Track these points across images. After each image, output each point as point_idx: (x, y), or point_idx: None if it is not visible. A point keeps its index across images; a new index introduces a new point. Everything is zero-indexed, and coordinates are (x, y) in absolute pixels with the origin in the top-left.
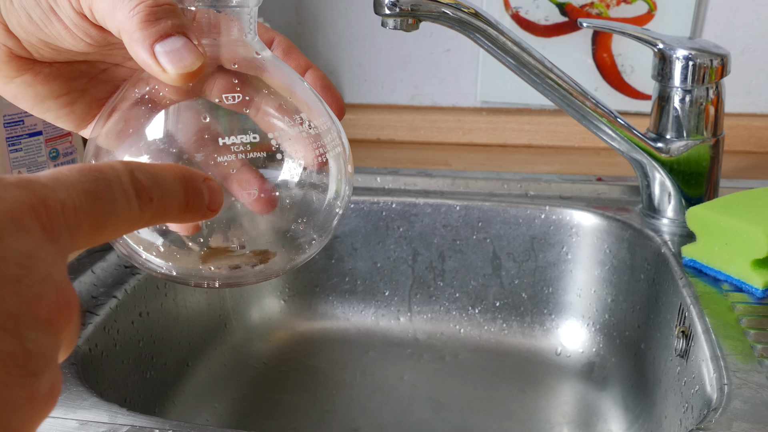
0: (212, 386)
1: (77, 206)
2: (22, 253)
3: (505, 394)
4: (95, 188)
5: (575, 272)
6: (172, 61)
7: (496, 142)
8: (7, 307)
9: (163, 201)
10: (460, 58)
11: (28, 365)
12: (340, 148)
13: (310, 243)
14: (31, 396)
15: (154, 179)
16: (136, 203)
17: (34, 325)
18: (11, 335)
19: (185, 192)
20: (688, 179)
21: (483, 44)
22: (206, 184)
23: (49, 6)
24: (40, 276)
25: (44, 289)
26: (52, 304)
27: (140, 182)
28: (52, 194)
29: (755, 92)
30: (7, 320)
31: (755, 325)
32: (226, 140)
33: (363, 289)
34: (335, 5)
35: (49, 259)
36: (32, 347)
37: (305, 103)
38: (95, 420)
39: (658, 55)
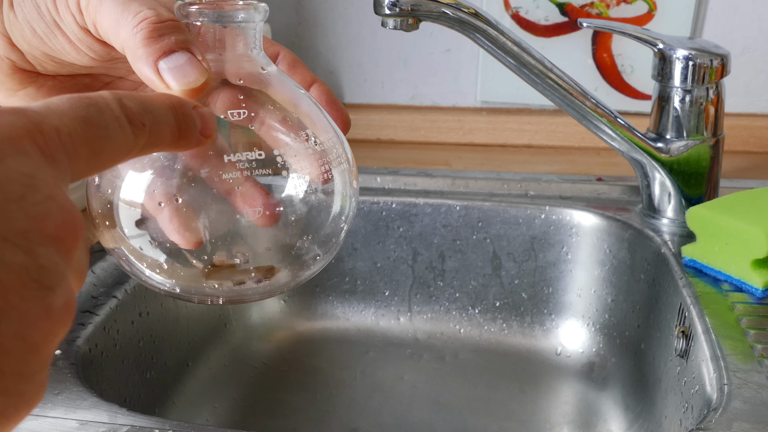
0: (212, 386)
1: (71, 132)
2: (24, 174)
3: (505, 394)
4: (87, 114)
5: (575, 272)
6: (176, 78)
7: (496, 142)
8: (15, 224)
9: (156, 127)
10: (460, 58)
11: (42, 279)
12: (346, 164)
13: (314, 259)
14: (48, 309)
15: (144, 106)
16: (129, 129)
17: (44, 241)
18: (23, 250)
19: (176, 118)
20: (688, 179)
21: (483, 44)
22: (196, 110)
23: (53, 20)
24: (44, 195)
25: (50, 207)
26: (59, 221)
27: (130, 109)
28: (46, 120)
29: (755, 92)
30: (16, 236)
31: (755, 325)
32: (231, 157)
33: (363, 289)
34: (335, 5)
35: (51, 180)
36: (44, 262)
37: (310, 119)
38: (95, 420)
39: (658, 55)
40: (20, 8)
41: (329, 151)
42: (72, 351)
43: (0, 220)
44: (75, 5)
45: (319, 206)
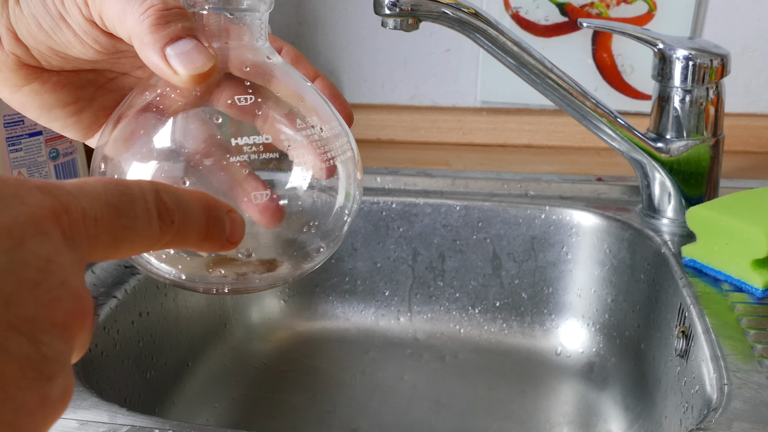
0: (212, 386)
1: (98, 217)
2: (42, 258)
3: (505, 394)
4: (118, 202)
5: (575, 272)
6: (183, 63)
7: (496, 142)
8: (24, 311)
9: (184, 226)
10: (460, 58)
11: (43, 369)
12: (351, 153)
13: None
14: (44, 400)
15: (178, 203)
16: (157, 224)
17: (50, 330)
18: (27, 339)
19: (207, 220)
20: (688, 179)
21: (483, 44)
22: (229, 215)
23: (58, 13)
24: (58, 281)
25: (61, 294)
26: (68, 309)
27: (164, 203)
28: (74, 202)
29: (755, 92)
30: (23, 324)
31: (755, 325)
32: (238, 141)
33: (363, 289)
34: (335, 5)
35: (68, 264)
36: (47, 351)
37: (315, 109)
38: (95, 420)
39: (658, 55)
40: (26, 3)
41: (334, 141)
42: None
43: (10, 307)
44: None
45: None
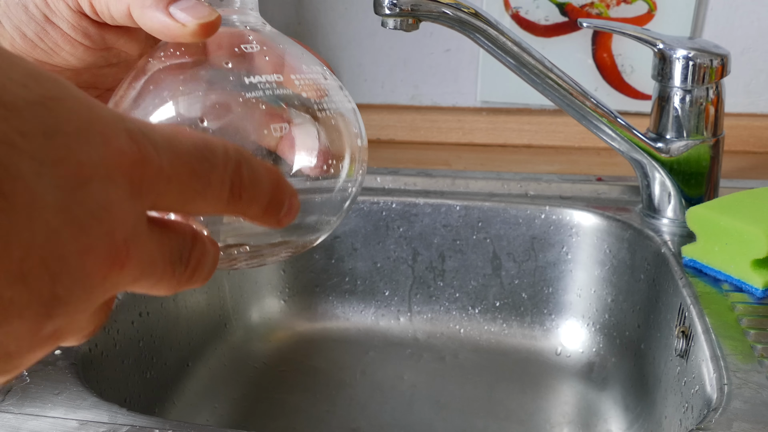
0: (212, 386)
1: (173, 176)
2: (99, 204)
3: (505, 394)
4: (198, 167)
5: (575, 272)
6: (190, 14)
7: (496, 142)
8: (59, 250)
9: (250, 201)
10: (460, 58)
11: (49, 306)
12: (353, 105)
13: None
14: (35, 333)
15: (253, 179)
16: (227, 195)
17: (74, 274)
18: (49, 276)
19: (271, 200)
20: (688, 179)
21: (483, 44)
22: (291, 200)
23: (43, 16)
24: (104, 231)
25: (100, 244)
26: (100, 259)
27: (241, 178)
28: (156, 157)
29: (755, 92)
30: (53, 261)
31: (755, 325)
32: (251, 79)
33: (363, 289)
34: (335, 5)
35: (121, 217)
36: (61, 292)
37: (315, 62)
38: (95, 420)
39: (658, 55)
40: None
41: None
42: (72, 351)
43: (48, 244)
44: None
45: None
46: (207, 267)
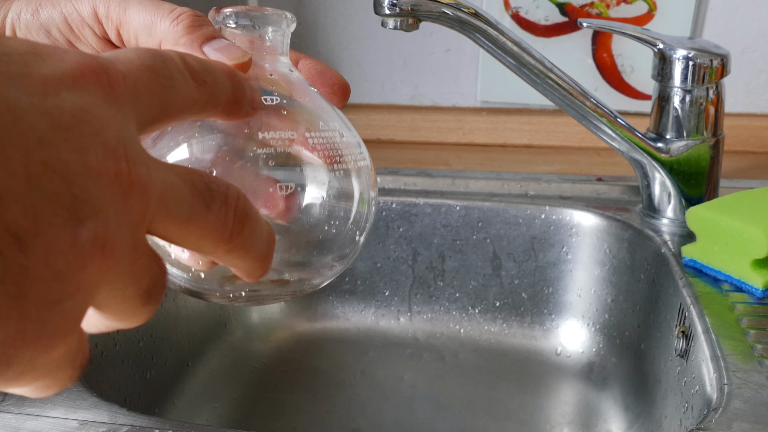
0: (212, 386)
1: (137, 80)
2: (77, 106)
3: (505, 394)
4: (153, 64)
5: (575, 272)
6: (224, 55)
7: (496, 142)
8: (57, 152)
9: (215, 86)
10: (460, 58)
11: (74, 209)
12: (367, 162)
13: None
14: (74, 241)
15: (205, 66)
16: (192, 83)
17: (84, 173)
18: (60, 177)
19: (232, 83)
20: (688, 179)
21: (483, 44)
22: (248, 82)
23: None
24: (92, 129)
25: (94, 142)
26: (100, 156)
27: (192, 66)
28: (114, 66)
29: (755, 92)
30: (57, 163)
31: (755, 325)
32: (265, 134)
33: (363, 289)
34: (335, 5)
35: (105, 118)
36: (78, 192)
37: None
38: (95, 420)
39: (658, 55)
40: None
41: (354, 147)
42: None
43: (42, 147)
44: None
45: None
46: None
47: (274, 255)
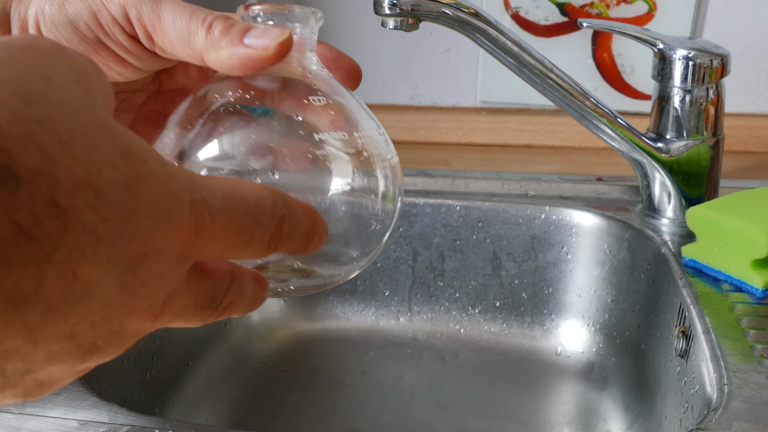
0: (212, 386)
1: (220, 239)
2: (151, 274)
3: (505, 394)
4: (245, 227)
5: (575, 272)
6: (267, 39)
7: (496, 142)
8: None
9: (283, 248)
10: (460, 58)
11: (87, 355)
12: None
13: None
14: (69, 370)
15: (291, 231)
16: (264, 249)
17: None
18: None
19: (303, 239)
20: (688, 179)
21: (483, 44)
22: (320, 237)
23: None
24: (148, 294)
25: (142, 305)
26: (140, 318)
27: (281, 232)
28: (210, 225)
29: (755, 92)
30: (100, 322)
31: (755, 325)
32: (321, 135)
33: (363, 289)
34: (335, 5)
35: (167, 281)
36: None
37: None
38: (95, 420)
39: (658, 55)
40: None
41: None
42: None
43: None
44: (123, 17)
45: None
46: (241, 306)
47: None
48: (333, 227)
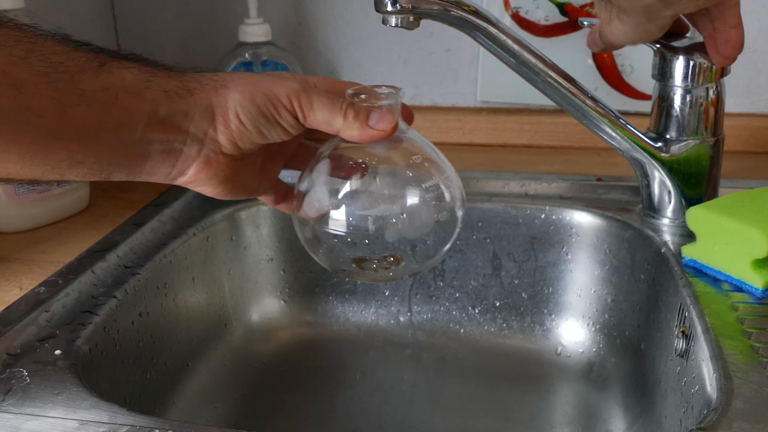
0: (212, 386)
1: None
2: None
3: (505, 394)
4: None
5: (575, 272)
6: (383, 125)
7: (496, 142)
8: None
9: None
10: (460, 57)
11: None
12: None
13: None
14: None
15: None
16: None
17: None
18: None
19: None
20: (688, 179)
21: (483, 42)
22: None
23: (275, 119)
24: None
25: None
26: None
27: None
28: None
29: (755, 92)
30: None
31: (755, 325)
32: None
33: (363, 289)
34: (335, 5)
35: None
36: None
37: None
38: (95, 420)
39: (658, 54)
40: (248, 120)
41: (455, 179)
42: (72, 351)
43: None
44: (289, 104)
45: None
46: None
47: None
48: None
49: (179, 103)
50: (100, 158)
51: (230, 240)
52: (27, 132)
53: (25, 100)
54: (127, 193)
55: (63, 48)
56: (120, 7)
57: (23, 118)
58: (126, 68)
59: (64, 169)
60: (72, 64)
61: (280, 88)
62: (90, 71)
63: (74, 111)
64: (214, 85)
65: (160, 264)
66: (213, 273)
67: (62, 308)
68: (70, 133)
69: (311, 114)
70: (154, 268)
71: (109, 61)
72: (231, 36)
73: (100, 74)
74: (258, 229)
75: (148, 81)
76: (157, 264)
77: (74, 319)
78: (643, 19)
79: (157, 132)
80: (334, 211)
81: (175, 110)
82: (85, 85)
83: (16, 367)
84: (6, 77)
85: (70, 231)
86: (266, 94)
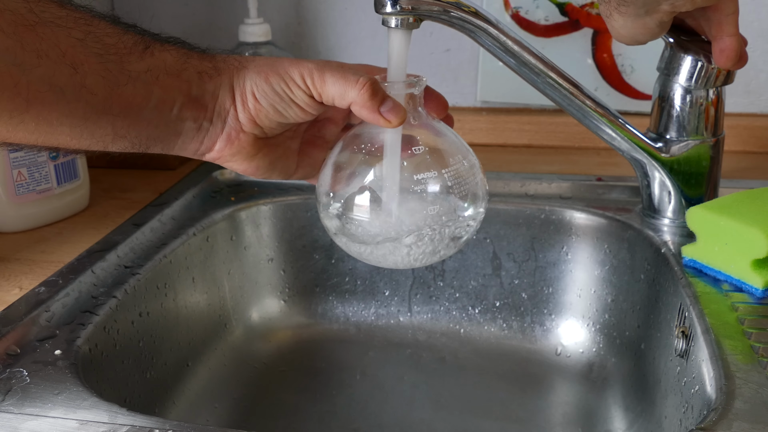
0: (212, 386)
1: None
2: None
3: (505, 394)
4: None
5: (575, 272)
6: (393, 116)
7: (496, 142)
8: None
9: None
10: (460, 58)
11: None
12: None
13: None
14: None
15: None
16: None
17: None
18: None
19: None
20: (688, 179)
21: (483, 43)
22: None
23: (289, 98)
24: None
25: None
26: None
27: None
28: None
29: (755, 92)
30: None
31: (755, 325)
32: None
33: (363, 289)
34: (335, 5)
35: None
36: None
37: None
38: (95, 420)
39: (669, 45)
40: (264, 98)
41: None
42: (72, 351)
43: None
44: (302, 82)
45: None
46: None
47: None
48: None
49: (209, 83)
50: (140, 133)
51: (230, 240)
52: (80, 107)
53: (80, 79)
54: (127, 193)
55: (115, 30)
56: (120, 7)
57: (78, 95)
58: (167, 50)
59: (108, 142)
60: (122, 46)
61: (295, 68)
62: (137, 53)
63: (122, 90)
64: (237, 66)
65: (160, 264)
66: (213, 273)
67: (62, 308)
68: (117, 110)
69: (324, 89)
70: (154, 268)
71: (152, 44)
72: (231, 36)
73: (145, 56)
74: (258, 229)
75: (185, 62)
76: (157, 264)
77: (74, 319)
78: (641, 11)
79: (189, 110)
80: None
81: (204, 90)
82: (132, 66)
83: (16, 367)
84: (66, 58)
85: (70, 231)
86: (280, 74)
